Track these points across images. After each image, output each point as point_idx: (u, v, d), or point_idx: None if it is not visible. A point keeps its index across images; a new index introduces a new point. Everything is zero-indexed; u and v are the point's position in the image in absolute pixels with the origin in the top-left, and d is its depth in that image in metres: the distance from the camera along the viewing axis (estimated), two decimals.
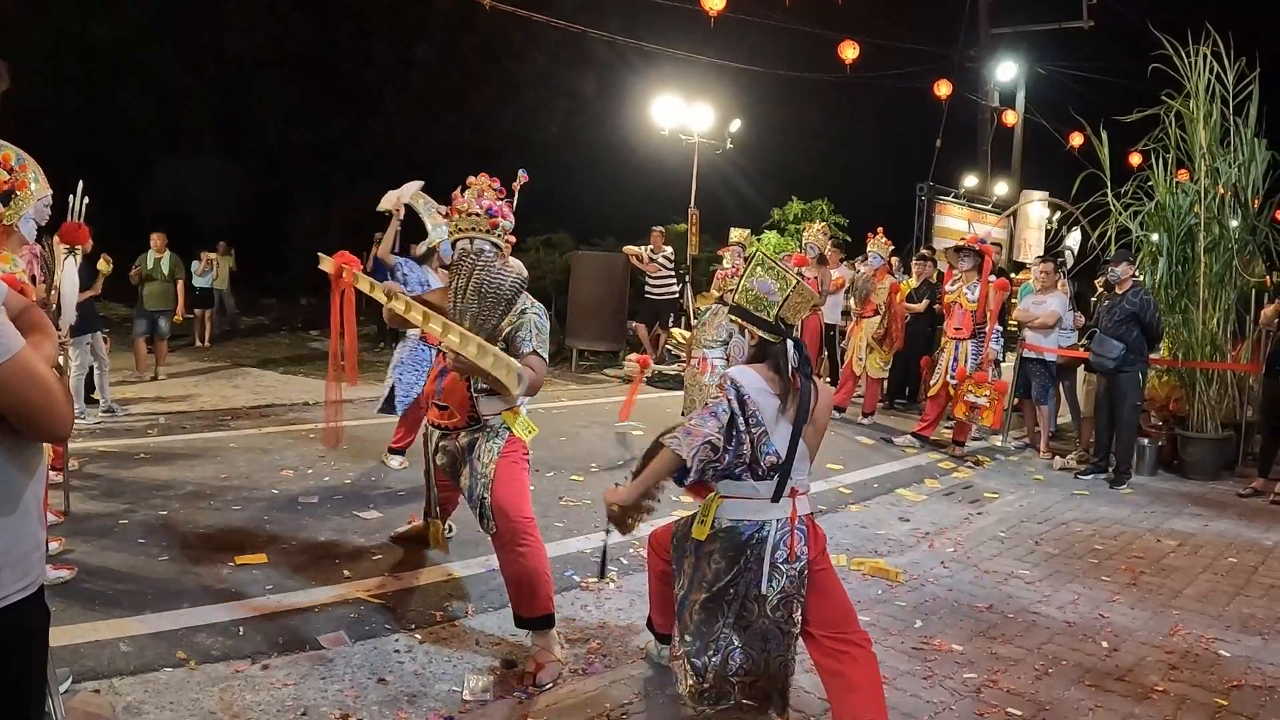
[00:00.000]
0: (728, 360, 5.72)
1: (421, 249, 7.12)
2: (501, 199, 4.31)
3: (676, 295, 14.17)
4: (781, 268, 3.30)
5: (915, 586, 5.17)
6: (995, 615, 4.78)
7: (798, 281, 3.27)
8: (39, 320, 2.04)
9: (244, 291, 18.09)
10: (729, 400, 3.18)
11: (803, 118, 24.50)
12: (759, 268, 3.33)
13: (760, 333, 3.30)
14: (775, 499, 3.19)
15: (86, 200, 5.66)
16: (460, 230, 4.22)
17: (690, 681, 3.29)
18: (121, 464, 6.97)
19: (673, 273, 14.16)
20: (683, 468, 3.17)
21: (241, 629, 4.15)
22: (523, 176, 4.86)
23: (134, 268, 11.41)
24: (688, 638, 3.32)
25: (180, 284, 12.00)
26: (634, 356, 12.39)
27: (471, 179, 4.34)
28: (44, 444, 2.13)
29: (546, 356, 4.06)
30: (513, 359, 3.73)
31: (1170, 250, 8.95)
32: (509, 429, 4.10)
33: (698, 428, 3.15)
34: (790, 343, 3.25)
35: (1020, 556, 5.86)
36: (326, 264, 4.71)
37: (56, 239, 5.63)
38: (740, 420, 3.17)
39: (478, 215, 4.19)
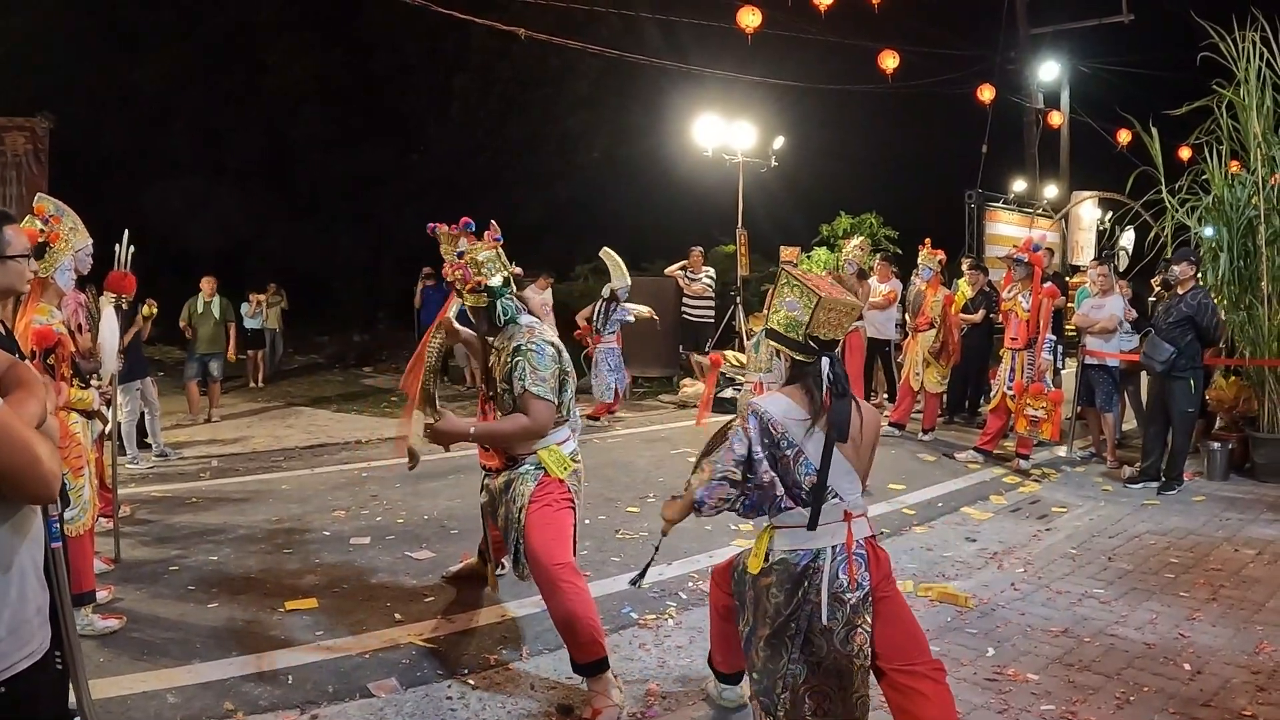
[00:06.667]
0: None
1: (605, 292, 10.86)
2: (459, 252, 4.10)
3: (712, 319, 13.94)
4: (805, 284, 3.15)
5: (985, 611, 4.96)
6: (1071, 639, 4.57)
7: (822, 296, 3.10)
8: (24, 378, 1.99)
9: (296, 329, 18.17)
10: (747, 430, 3.07)
11: (846, 131, 24.17)
12: (785, 287, 3.19)
13: (793, 354, 3.14)
14: (811, 525, 3.03)
15: (132, 249, 5.67)
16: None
17: None
18: (173, 509, 6.99)
19: (713, 295, 13.97)
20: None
21: (290, 677, 4.08)
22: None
23: (182, 321, 11.52)
24: (755, 675, 3.14)
25: (231, 326, 12.08)
26: (706, 357, 12.20)
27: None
28: (44, 505, 2.05)
29: (549, 395, 3.88)
30: (420, 436, 4.30)
31: (1231, 245, 8.63)
32: (543, 468, 4.02)
33: (716, 464, 3.10)
34: (826, 360, 3.10)
35: (1093, 574, 5.62)
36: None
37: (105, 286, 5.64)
38: (759, 450, 3.05)
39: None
